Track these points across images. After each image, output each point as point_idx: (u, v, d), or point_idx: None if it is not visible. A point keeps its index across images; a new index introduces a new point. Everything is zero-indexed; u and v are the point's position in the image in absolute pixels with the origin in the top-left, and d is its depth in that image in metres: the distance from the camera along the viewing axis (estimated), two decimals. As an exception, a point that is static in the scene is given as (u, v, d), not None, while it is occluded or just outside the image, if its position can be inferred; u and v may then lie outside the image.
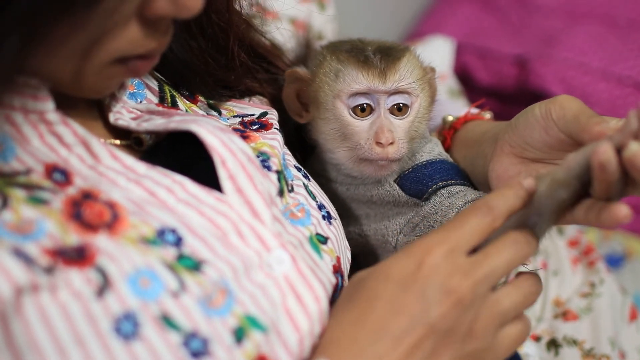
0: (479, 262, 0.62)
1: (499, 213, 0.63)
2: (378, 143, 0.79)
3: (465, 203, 0.78)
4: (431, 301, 0.61)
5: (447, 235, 0.63)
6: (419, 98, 0.82)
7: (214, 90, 0.84)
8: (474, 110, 0.93)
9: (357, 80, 0.79)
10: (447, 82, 1.58)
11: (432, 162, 0.84)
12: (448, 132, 0.91)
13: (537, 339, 1.06)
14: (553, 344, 1.06)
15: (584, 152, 0.61)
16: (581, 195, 0.62)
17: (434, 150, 0.86)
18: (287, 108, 0.87)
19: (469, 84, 1.80)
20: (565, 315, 1.10)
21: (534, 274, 0.66)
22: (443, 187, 0.82)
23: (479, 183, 0.85)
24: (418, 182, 0.83)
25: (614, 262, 1.45)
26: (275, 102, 0.88)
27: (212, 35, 0.80)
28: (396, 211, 0.84)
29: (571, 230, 1.27)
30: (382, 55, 0.80)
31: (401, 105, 0.81)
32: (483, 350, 0.62)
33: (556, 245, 1.19)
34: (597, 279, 1.15)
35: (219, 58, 0.81)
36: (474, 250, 0.63)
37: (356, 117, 0.80)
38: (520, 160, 0.77)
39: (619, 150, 0.59)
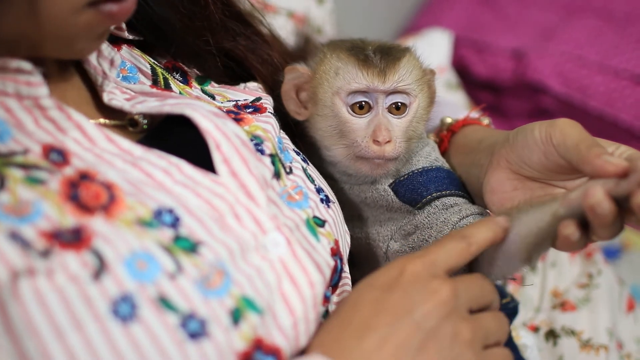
0: (457, 278, 0.65)
1: (474, 241, 0.66)
2: (375, 141, 0.79)
3: (460, 219, 0.78)
4: (415, 299, 0.62)
5: (426, 252, 0.66)
6: (417, 98, 0.82)
7: (197, 54, 0.83)
8: (474, 115, 0.93)
9: (356, 78, 0.79)
10: (445, 75, 1.58)
11: (428, 169, 0.84)
12: (446, 135, 0.90)
13: (536, 329, 1.06)
14: (551, 335, 1.06)
15: (582, 188, 0.62)
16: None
17: (430, 155, 0.86)
18: (285, 105, 0.86)
19: (466, 77, 1.80)
20: (563, 305, 1.10)
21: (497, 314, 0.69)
22: (437, 197, 0.82)
23: (473, 191, 0.85)
24: (413, 191, 0.82)
25: (612, 254, 1.45)
26: (261, 75, 0.88)
27: None
28: (388, 216, 0.84)
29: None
30: (382, 55, 0.80)
31: (399, 104, 0.81)
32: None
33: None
34: (595, 270, 1.16)
35: (193, 9, 0.80)
36: None
37: (354, 114, 0.80)
38: (517, 177, 0.77)
39: (619, 196, 0.60)
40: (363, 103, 0.80)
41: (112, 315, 0.55)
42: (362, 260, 0.87)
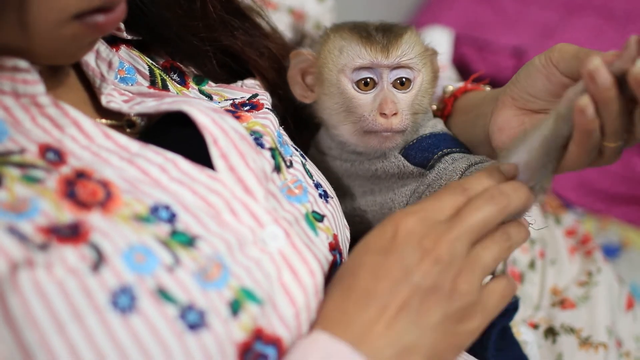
0: (454, 222, 0.64)
1: (472, 193, 0.66)
2: (382, 114, 0.80)
3: (469, 165, 0.79)
4: (410, 262, 0.62)
5: (421, 206, 0.65)
6: (421, 73, 0.84)
7: (194, 53, 0.84)
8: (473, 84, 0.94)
9: (360, 54, 0.81)
10: (445, 73, 1.58)
11: (436, 134, 0.86)
12: (449, 100, 0.92)
13: (535, 326, 1.06)
14: (551, 332, 1.06)
15: (581, 82, 0.63)
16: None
17: (437, 126, 0.87)
18: (292, 89, 0.88)
19: (467, 76, 1.79)
20: (562, 303, 1.10)
21: (514, 223, 0.67)
22: (447, 154, 0.83)
23: (479, 143, 0.85)
24: (423, 150, 0.84)
25: (611, 252, 1.46)
26: (259, 68, 0.89)
27: None
28: (401, 183, 0.85)
29: (568, 219, 1.27)
30: (384, 32, 0.82)
31: (404, 79, 0.82)
32: (471, 306, 0.63)
33: (554, 234, 1.19)
34: (595, 268, 1.16)
35: (191, 7, 0.81)
36: None
37: (360, 90, 0.82)
38: (523, 112, 0.77)
39: (619, 77, 0.60)
40: (368, 80, 0.82)
41: (111, 307, 0.56)
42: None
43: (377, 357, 0.60)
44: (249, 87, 0.86)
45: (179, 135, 0.70)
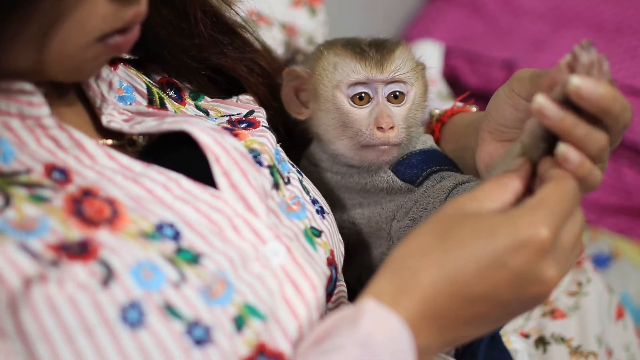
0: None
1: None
2: (379, 128, 0.82)
3: (456, 185, 0.80)
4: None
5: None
6: (414, 86, 0.85)
7: (186, 70, 0.85)
8: (460, 104, 0.95)
9: (355, 70, 0.83)
10: (436, 87, 1.59)
11: (426, 150, 0.87)
12: (436, 126, 0.93)
13: (526, 336, 1.07)
14: (541, 342, 1.07)
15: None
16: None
17: (427, 142, 0.89)
18: (286, 107, 0.89)
19: (458, 88, 1.81)
20: (553, 313, 1.11)
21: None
22: (436, 171, 0.84)
23: (472, 172, 0.86)
24: (412, 167, 0.85)
25: (601, 262, 1.47)
26: (250, 85, 0.89)
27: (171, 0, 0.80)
28: (389, 198, 0.86)
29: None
30: (377, 48, 0.83)
31: (397, 93, 0.84)
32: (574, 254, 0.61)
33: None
34: (585, 278, 1.17)
35: (182, 25, 0.82)
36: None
37: (355, 105, 0.84)
38: (502, 144, 0.78)
39: (563, 95, 0.60)
40: (363, 94, 0.83)
41: (121, 322, 0.57)
42: (363, 246, 0.90)
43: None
44: (244, 103, 0.87)
45: (180, 155, 0.71)
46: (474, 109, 0.94)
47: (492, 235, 0.58)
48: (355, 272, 0.88)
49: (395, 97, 0.84)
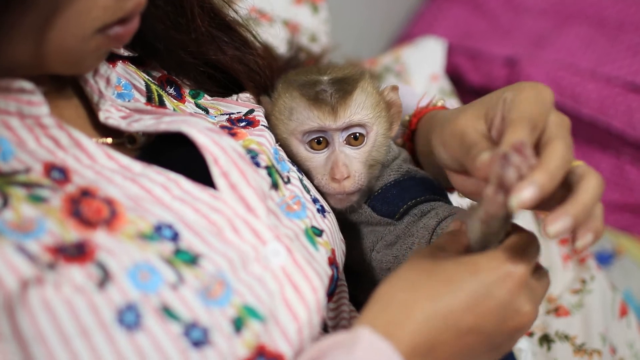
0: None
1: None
2: (334, 179, 0.80)
3: (439, 222, 0.78)
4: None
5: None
6: (374, 127, 0.82)
7: (185, 67, 0.84)
8: (423, 103, 0.92)
9: (307, 119, 0.80)
10: (439, 83, 1.59)
11: (400, 180, 0.85)
12: (408, 137, 0.91)
13: (530, 334, 1.07)
14: (545, 339, 1.07)
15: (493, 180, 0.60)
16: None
17: (401, 167, 0.86)
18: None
19: (460, 85, 1.81)
20: (557, 311, 1.11)
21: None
22: (414, 206, 0.82)
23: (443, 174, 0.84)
24: (389, 204, 0.83)
25: (604, 259, 1.47)
26: (248, 84, 0.89)
27: None
28: (370, 229, 0.85)
29: (562, 228, 1.28)
30: (334, 90, 0.80)
31: (357, 135, 0.81)
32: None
33: (547, 242, 1.20)
34: (588, 276, 1.17)
35: (179, 20, 0.81)
36: None
37: (313, 151, 0.82)
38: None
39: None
40: (320, 139, 0.81)
41: (117, 324, 0.56)
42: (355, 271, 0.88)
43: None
44: (244, 101, 0.87)
45: (179, 154, 0.71)
46: (440, 102, 0.91)
47: (477, 270, 0.61)
48: None
49: (355, 139, 0.81)
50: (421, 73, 1.57)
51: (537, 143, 0.62)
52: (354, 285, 0.82)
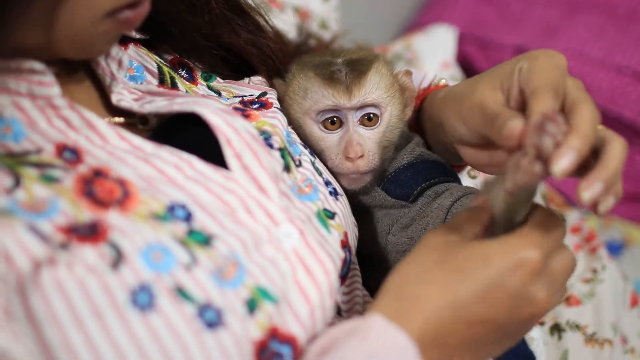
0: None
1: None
2: (347, 157, 0.80)
3: (453, 202, 0.79)
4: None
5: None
6: (388, 108, 0.82)
7: (199, 50, 0.84)
8: (425, 84, 0.91)
9: (322, 97, 0.80)
10: (450, 71, 1.59)
11: (414, 163, 0.85)
12: (412, 120, 0.90)
13: (541, 323, 1.07)
14: (556, 329, 1.07)
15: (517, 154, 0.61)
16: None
17: (414, 150, 0.86)
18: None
19: (471, 74, 1.80)
20: (568, 300, 1.11)
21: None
22: (428, 187, 0.82)
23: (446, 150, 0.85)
24: (402, 186, 0.83)
25: (614, 249, 1.46)
26: (261, 67, 0.89)
27: None
28: (384, 212, 0.84)
29: (573, 217, 1.28)
30: (348, 70, 0.80)
31: (371, 115, 0.81)
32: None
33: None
34: (599, 265, 1.17)
35: (194, 2, 0.81)
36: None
37: (327, 131, 0.82)
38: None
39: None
40: (335, 119, 0.81)
41: (131, 305, 0.56)
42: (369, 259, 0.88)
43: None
44: (256, 84, 0.86)
45: (191, 135, 0.71)
46: (443, 81, 0.91)
47: (489, 259, 0.60)
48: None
49: (369, 119, 0.82)
50: (432, 60, 1.57)
51: (561, 108, 0.62)
52: (366, 272, 0.81)
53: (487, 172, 0.76)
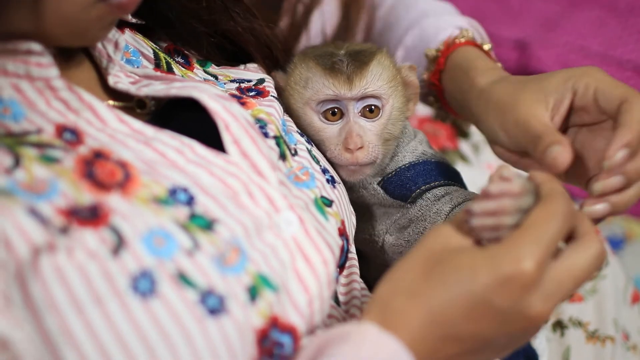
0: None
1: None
2: (347, 149, 0.79)
3: (452, 208, 0.78)
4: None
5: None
6: (390, 100, 0.81)
7: (195, 37, 0.83)
8: (443, 37, 0.91)
9: (323, 87, 0.79)
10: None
11: (415, 164, 0.84)
12: (436, 78, 0.90)
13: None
14: (559, 325, 1.06)
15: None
16: None
17: (417, 149, 0.86)
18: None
19: (470, 68, 1.80)
20: (570, 296, 1.10)
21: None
22: (427, 190, 0.82)
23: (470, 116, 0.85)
24: (402, 186, 0.83)
25: (615, 244, 1.46)
26: (257, 55, 0.88)
27: None
28: (383, 211, 0.84)
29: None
30: (350, 61, 0.80)
31: (372, 107, 0.80)
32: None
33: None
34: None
35: None
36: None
37: (327, 121, 0.81)
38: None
39: None
40: (335, 109, 0.80)
41: (132, 291, 0.55)
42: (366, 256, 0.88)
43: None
44: (252, 69, 0.86)
45: (189, 120, 0.70)
46: (487, 47, 0.91)
47: (474, 273, 0.56)
48: None
49: (371, 111, 0.80)
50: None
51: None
52: (362, 265, 0.80)
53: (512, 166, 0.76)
